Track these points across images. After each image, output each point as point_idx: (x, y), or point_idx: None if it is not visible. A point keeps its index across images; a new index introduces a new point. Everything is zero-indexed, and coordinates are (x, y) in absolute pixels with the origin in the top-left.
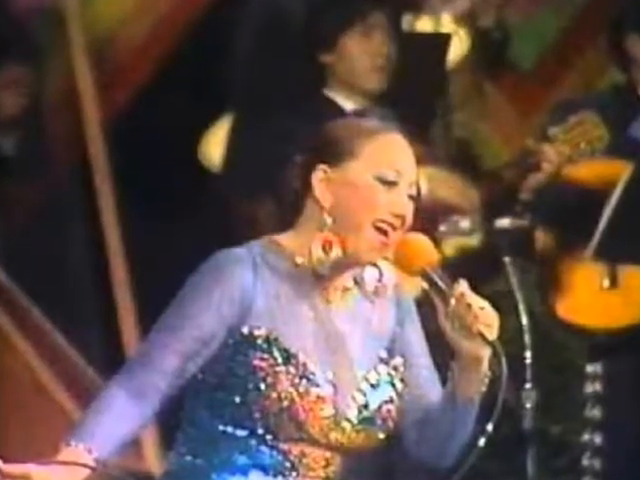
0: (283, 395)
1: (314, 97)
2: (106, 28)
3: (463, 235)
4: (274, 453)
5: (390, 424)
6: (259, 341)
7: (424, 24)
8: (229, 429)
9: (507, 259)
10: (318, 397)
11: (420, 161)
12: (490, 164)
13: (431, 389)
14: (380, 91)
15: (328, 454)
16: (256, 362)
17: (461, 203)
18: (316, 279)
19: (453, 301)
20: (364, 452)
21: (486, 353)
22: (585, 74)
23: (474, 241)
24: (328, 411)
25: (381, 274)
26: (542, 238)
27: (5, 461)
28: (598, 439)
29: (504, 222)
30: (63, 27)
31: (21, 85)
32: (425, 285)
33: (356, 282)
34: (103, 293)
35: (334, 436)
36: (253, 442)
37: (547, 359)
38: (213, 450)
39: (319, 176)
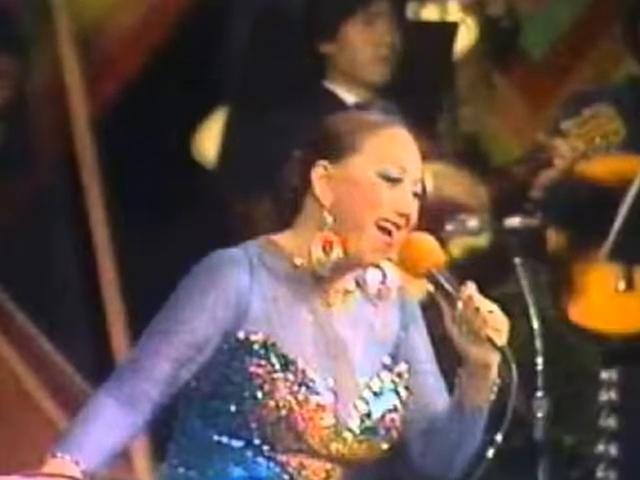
0: (281, 403)
1: (314, 89)
2: (94, 17)
3: (471, 235)
4: (271, 465)
5: (394, 434)
6: (256, 346)
7: (430, 12)
8: (224, 439)
9: (517, 260)
10: (318, 405)
11: (425, 157)
12: (499, 160)
13: (437, 397)
14: (383, 83)
15: (328, 466)
16: (253, 369)
17: (469, 201)
18: (316, 281)
19: (460, 304)
20: (366, 463)
21: (495, 359)
22: (599, 65)
23: (482, 241)
24: (328, 420)
25: (384, 276)
26: (554, 238)
27: None
28: (613, 450)
29: (514, 221)
30: (49, 16)
31: (5, 76)
32: (431, 287)
33: (358, 284)
34: (91, 296)
35: (335, 447)
36: (249, 453)
37: (559, 365)
38: (207, 461)
39: (319, 172)
